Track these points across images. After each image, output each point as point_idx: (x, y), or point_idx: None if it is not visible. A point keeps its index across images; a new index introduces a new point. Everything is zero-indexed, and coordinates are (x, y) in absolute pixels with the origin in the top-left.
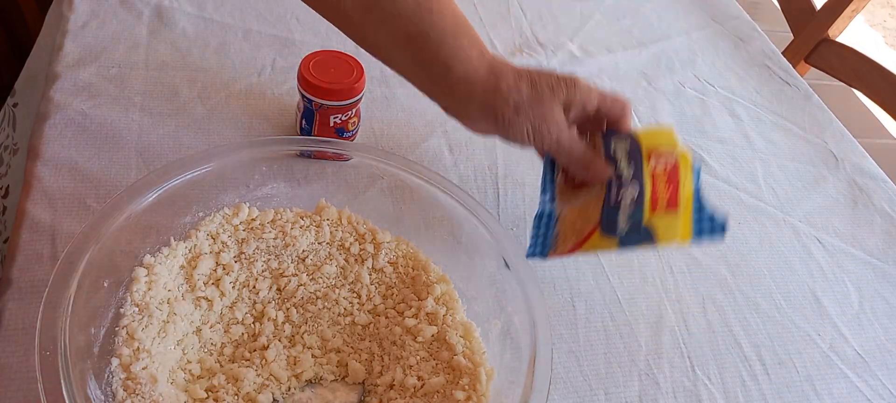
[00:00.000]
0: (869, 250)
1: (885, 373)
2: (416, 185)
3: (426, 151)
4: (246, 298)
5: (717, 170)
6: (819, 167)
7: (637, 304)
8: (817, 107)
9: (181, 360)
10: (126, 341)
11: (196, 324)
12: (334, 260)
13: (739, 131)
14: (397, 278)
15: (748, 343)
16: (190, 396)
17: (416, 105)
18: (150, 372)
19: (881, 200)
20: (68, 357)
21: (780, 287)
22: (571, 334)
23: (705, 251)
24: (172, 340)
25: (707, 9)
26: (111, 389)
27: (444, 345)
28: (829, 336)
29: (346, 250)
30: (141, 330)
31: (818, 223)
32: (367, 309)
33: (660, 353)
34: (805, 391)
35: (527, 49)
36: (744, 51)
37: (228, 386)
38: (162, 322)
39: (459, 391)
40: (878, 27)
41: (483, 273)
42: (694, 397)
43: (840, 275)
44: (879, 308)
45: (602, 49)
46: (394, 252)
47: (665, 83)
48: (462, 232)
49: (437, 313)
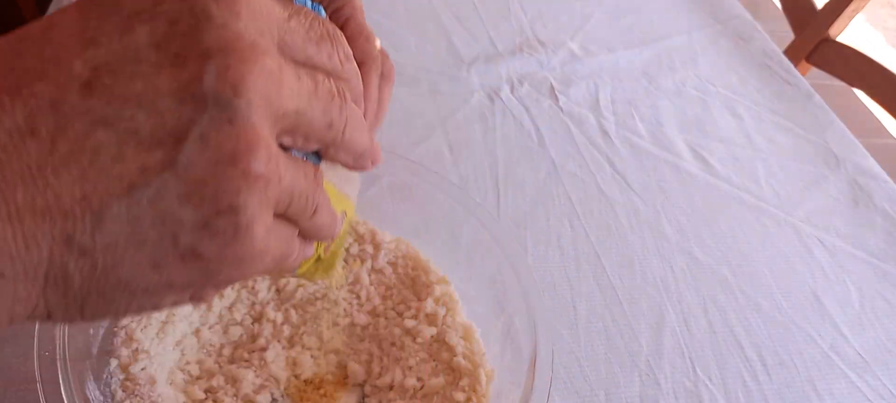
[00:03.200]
0: (870, 250)
1: (885, 374)
2: (415, 185)
3: (426, 151)
4: (245, 299)
5: (719, 170)
6: (820, 167)
7: (638, 305)
8: (818, 107)
9: (180, 361)
10: (125, 342)
11: (195, 325)
12: None
13: (740, 131)
14: (397, 279)
15: (749, 344)
16: (188, 397)
17: (416, 105)
18: (149, 373)
19: (882, 200)
20: (67, 358)
21: (781, 287)
22: (572, 335)
23: (706, 251)
24: (171, 341)
25: (708, 8)
26: (110, 390)
27: (443, 346)
28: (830, 336)
29: (346, 250)
30: (140, 331)
31: (819, 223)
32: (366, 309)
33: (661, 354)
34: (806, 391)
35: (527, 48)
36: (745, 50)
37: (227, 387)
38: (160, 323)
39: (459, 392)
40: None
41: (483, 273)
42: (695, 397)
43: (841, 276)
44: (880, 308)
45: (603, 48)
46: (393, 252)
47: (666, 82)
48: (462, 232)
49: (437, 314)
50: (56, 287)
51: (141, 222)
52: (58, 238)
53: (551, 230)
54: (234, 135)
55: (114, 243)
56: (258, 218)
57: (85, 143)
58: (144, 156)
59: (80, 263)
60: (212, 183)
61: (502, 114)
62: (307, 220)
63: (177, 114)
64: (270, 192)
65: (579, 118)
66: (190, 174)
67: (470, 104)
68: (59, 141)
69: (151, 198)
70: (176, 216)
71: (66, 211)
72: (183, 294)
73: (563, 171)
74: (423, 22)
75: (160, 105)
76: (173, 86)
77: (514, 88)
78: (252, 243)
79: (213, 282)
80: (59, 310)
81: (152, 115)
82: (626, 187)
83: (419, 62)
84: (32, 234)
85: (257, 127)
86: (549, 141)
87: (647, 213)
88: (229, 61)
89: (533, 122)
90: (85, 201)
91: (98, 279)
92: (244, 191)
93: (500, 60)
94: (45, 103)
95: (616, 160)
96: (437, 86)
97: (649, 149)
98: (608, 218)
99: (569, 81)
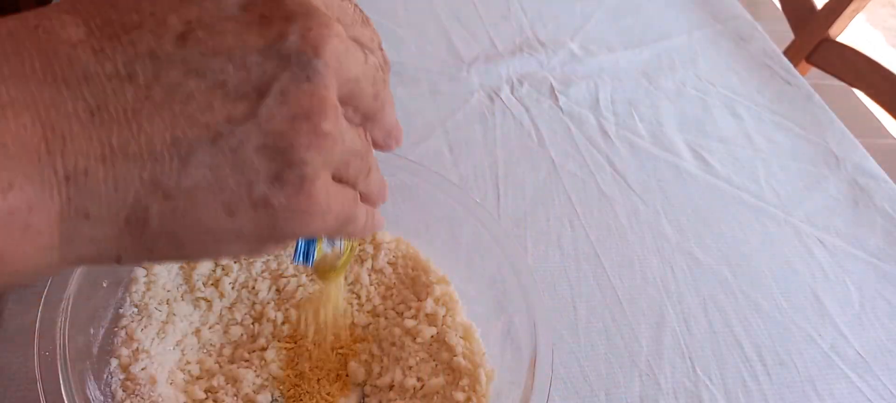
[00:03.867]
0: (870, 250)
1: (886, 374)
2: (415, 185)
3: (426, 151)
4: (245, 299)
5: (719, 171)
6: (820, 167)
7: (638, 305)
8: (818, 107)
9: (180, 361)
10: (125, 341)
11: (195, 325)
12: None
13: (741, 131)
14: (397, 279)
15: (749, 344)
16: (189, 397)
17: (416, 105)
18: (150, 373)
19: (882, 200)
20: (67, 358)
21: (781, 287)
22: (572, 334)
23: (707, 251)
24: (171, 341)
25: (708, 8)
26: (110, 389)
27: (443, 346)
28: (830, 336)
29: None
30: (140, 331)
31: (819, 223)
32: (366, 309)
33: (661, 354)
34: (806, 391)
35: (527, 48)
36: (745, 50)
37: (227, 387)
38: (161, 322)
39: (459, 392)
40: (879, 27)
41: (483, 273)
42: (695, 397)
43: (841, 276)
44: (880, 308)
45: (603, 48)
46: (393, 252)
47: (666, 82)
48: (462, 232)
49: (437, 314)
50: (134, 228)
51: (222, 169)
52: (146, 180)
53: (551, 230)
54: (310, 92)
55: (195, 187)
56: (321, 174)
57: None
58: (230, 107)
59: (161, 205)
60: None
61: (502, 114)
62: (364, 181)
63: (262, 69)
64: (335, 151)
65: (579, 118)
66: (269, 126)
67: (470, 104)
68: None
69: (233, 147)
70: (253, 165)
71: (156, 154)
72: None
73: (563, 171)
74: (423, 22)
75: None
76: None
77: (514, 88)
78: (316, 196)
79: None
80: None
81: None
82: (626, 187)
83: (419, 62)
84: (123, 176)
85: (330, 87)
86: (549, 141)
87: (647, 213)
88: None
89: (533, 122)
90: (174, 146)
91: (175, 221)
92: (314, 147)
93: (500, 60)
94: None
95: (616, 160)
96: (437, 86)
97: (649, 149)
98: (608, 218)
99: (569, 81)
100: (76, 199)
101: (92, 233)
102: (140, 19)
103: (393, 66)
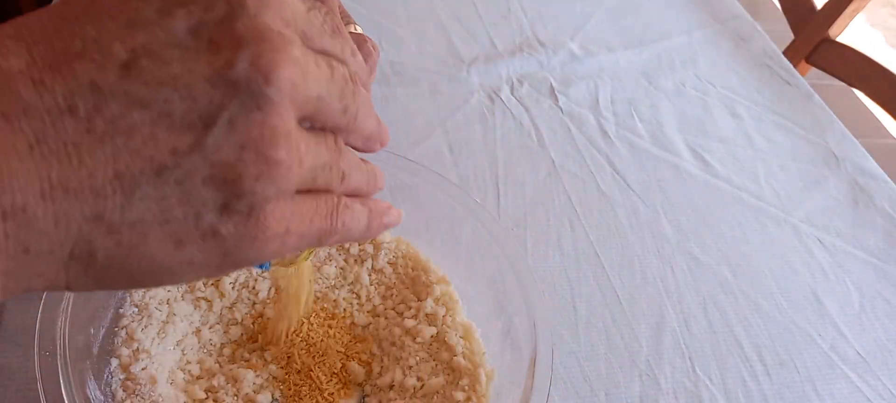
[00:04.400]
0: (870, 250)
1: (885, 374)
2: (415, 185)
3: (426, 151)
4: (245, 299)
5: (719, 170)
6: (820, 167)
7: (638, 305)
8: (818, 107)
9: (180, 361)
10: (125, 341)
11: (195, 325)
12: (333, 261)
13: (740, 131)
14: (397, 278)
15: (749, 344)
16: (189, 397)
17: (416, 105)
18: (150, 373)
19: (882, 200)
20: (68, 358)
21: (781, 287)
22: (572, 334)
23: (706, 251)
24: (172, 341)
25: (708, 8)
26: (111, 389)
27: (443, 346)
28: (830, 336)
29: (346, 250)
30: (140, 331)
31: (819, 223)
32: (366, 309)
33: (661, 354)
34: (806, 391)
35: (527, 48)
36: (745, 50)
37: (228, 387)
38: (161, 322)
39: (459, 391)
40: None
41: (483, 273)
42: (695, 397)
43: (841, 276)
44: (880, 308)
45: (603, 48)
46: (393, 252)
47: (666, 82)
48: (462, 232)
49: (437, 314)
50: (79, 262)
51: (168, 201)
52: (88, 215)
53: (551, 230)
54: (260, 121)
55: (140, 220)
56: (273, 200)
57: (120, 124)
58: (176, 138)
59: (106, 240)
60: (235, 167)
61: (502, 114)
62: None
63: (209, 98)
64: (291, 176)
65: (579, 118)
66: (216, 157)
67: (470, 104)
68: (96, 120)
69: (179, 179)
70: (201, 196)
71: (98, 189)
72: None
73: (563, 171)
74: (423, 22)
75: (195, 89)
76: (208, 72)
77: (514, 88)
78: (266, 223)
79: (231, 261)
80: (78, 283)
81: (186, 99)
82: (626, 187)
83: (419, 62)
84: (64, 212)
85: (283, 114)
86: (548, 141)
87: (647, 213)
88: (261, 50)
89: (533, 122)
90: (117, 180)
91: (121, 255)
92: (264, 177)
93: (500, 60)
94: (86, 82)
95: (616, 160)
96: (437, 86)
97: (649, 149)
98: (608, 218)
99: (569, 81)
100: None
101: (35, 268)
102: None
103: (393, 66)
